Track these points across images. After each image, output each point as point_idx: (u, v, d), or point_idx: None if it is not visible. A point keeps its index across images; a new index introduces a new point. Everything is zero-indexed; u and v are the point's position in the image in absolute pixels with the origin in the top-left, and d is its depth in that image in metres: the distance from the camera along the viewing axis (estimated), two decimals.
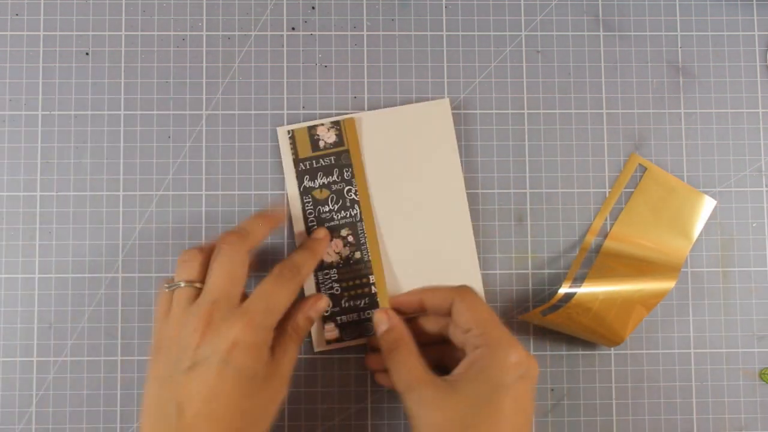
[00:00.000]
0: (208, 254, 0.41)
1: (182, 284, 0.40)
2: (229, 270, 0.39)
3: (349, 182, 0.46)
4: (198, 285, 0.40)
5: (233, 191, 0.47)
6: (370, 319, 0.46)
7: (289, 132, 0.47)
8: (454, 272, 0.46)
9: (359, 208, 0.46)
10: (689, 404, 0.47)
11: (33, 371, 0.46)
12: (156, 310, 0.41)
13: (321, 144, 0.46)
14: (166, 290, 0.41)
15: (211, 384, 0.37)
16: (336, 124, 0.47)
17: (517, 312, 0.47)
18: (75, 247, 0.47)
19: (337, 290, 0.46)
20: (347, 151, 0.46)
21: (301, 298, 0.45)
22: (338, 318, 0.46)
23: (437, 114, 0.47)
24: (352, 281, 0.46)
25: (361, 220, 0.46)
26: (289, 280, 0.41)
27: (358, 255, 0.46)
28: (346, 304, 0.46)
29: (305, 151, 0.46)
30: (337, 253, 0.46)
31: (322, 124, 0.47)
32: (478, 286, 0.46)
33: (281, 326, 0.41)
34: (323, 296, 0.44)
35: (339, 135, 0.46)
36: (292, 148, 0.46)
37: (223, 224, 0.47)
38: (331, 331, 0.46)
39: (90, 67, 0.47)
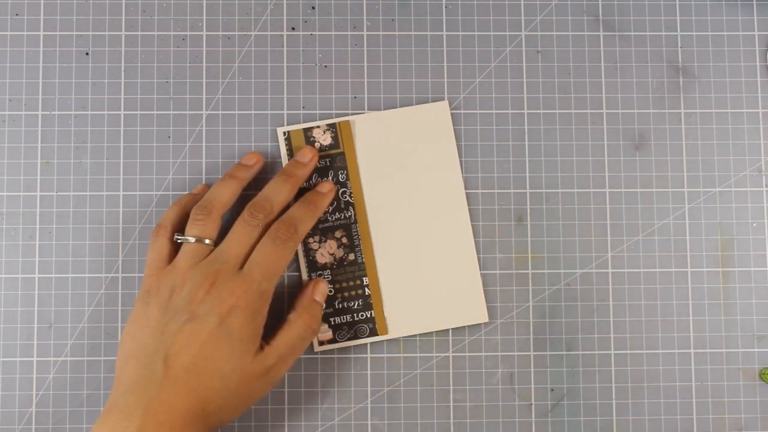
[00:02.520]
0: (220, 214, 0.43)
1: (192, 240, 0.42)
2: (246, 242, 0.42)
3: (344, 184, 0.46)
4: (207, 242, 0.42)
5: None
6: (364, 321, 0.46)
7: (284, 133, 0.47)
8: (453, 273, 0.46)
9: (354, 210, 0.46)
10: (689, 404, 0.47)
11: (33, 371, 0.46)
12: (151, 258, 0.43)
13: (316, 146, 0.46)
14: (168, 241, 0.43)
15: (203, 339, 0.39)
16: (332, 126, 0.47)
17: (517, 312, 0.47)
18: (75, 247, 0.47)
19: (330, 291, 0.46)
20: (342, 154, 0.47)
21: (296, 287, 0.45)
22: (331, 319, 0.46)
23: (436, 116, 0.47)
24: (345, 283, 0.46)
25: (355, 222, 0.46)
26: (285, 241, 0.42)
27: (352, 257, 0.46)
28: (340, 306, 0.46)
29: None
30: (331, 254, 0.46)
31: (318, 126, 0.47)
32: (477, 287, 0.46)
33: (287, 314, 0.43)
34: (321, 279, 0.45)
35: (335, 137, 0.46)
36: (287, 149, 0.46)
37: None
38: (325, 332, 0.46)
39: (90, 67, 0.47)
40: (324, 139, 0.47)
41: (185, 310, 0.40)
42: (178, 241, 0.42)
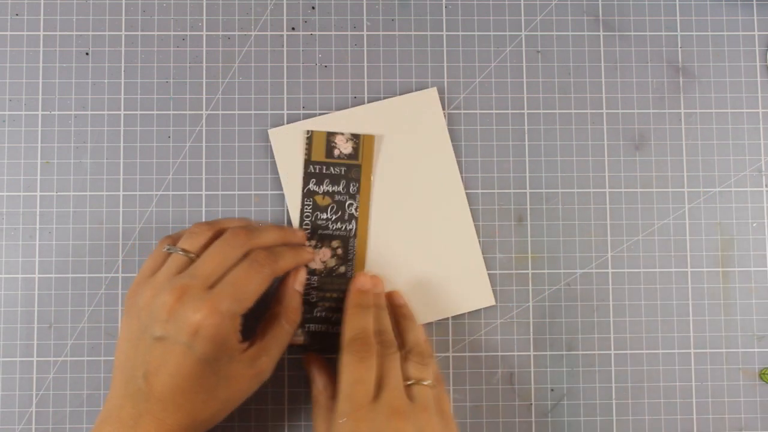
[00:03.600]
0: (217, 234, 0.41)
1: (180, 252, 0.40)
2: (221, 261, 0.40)
3: (353, 197, 0.46)
4: (193, 257, 0.40)
5: (233, 191, 0.47)
6: (338, 334, 0.43)
7: (307, 132, 0.46)
8: (460, 275, 0.46)
9: (356, 224, 0.46)
10: (689, 404, 0.47)
11: (33, 371, 0.46)
12: (144, 266, 0.41)
13: (336, 152, 0.46)
14: (164, 252, 0.41)
15: (177, 361, 0.37)
16: (355, 137, 0.46)
17: (517, 312, 0.47)
18: (75, 247, 0.47)
19: (312, 298, 0.46)
20: (359, 166, 0.46)
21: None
22: (307, 325, 0.46)
23: (425, 104, 0.47)
24: (329, 293, 0.46)
25: (354, 236, 0.46)
26: (262, 266, 0.40)
27: (342, 269, 0.46)
28: (318, 314, 0.46)
29: (319, 155, 0.46)
30: (323, 262, 0.46)
31: (342, 134, 0.46)
32: (486, 291, 0.46)
33: (270, 308, 0.43)
34: (301, 268, 0.44)
35: (356, 148, 0.46)
36: (306, 149, 0.46)
37: None
38: (298, 336, 0.45)
39: (90, 67, 0.47)
40: (345, 147, 0.46)
41: (153, 325, 0.38)
42: (167, 251, 0.41)
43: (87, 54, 0.47)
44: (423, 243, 0.46)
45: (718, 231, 0.48)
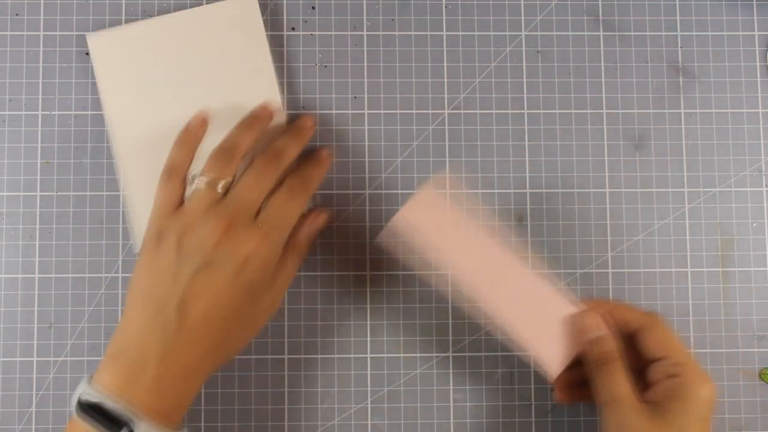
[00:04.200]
0: (239, 160, 0.42)
1: (206, 181, 0.40)
2: (260, 187, 0.41)
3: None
4: (219, 187, 0.40)
5: None
6: None
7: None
8: None
9: None
10: None
11: (33, 371, 0.46)
12: (164, 200, 0.41)
13: None
14: (177, 184, 0.41)
15: (220, 288, 0.38)
16: None
17: None
18: (75, 247, 0.47)
19: None
20: None
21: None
22: None
23: (242, 14, 0.45)
24: None
25: None
26: (300, 194, 0.42)
27: None
28: None
29: None
30: None
31: None
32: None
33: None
34: (323, 211, 0.45)
35: None
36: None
37: None
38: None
39: (90, 67, 0.47)
40: None
41: (197, 254, 0.38)
42: (194, 182, 0.41)
43: (87, 54, 0.47)
44: None
45: (718, 231, 0.48)
